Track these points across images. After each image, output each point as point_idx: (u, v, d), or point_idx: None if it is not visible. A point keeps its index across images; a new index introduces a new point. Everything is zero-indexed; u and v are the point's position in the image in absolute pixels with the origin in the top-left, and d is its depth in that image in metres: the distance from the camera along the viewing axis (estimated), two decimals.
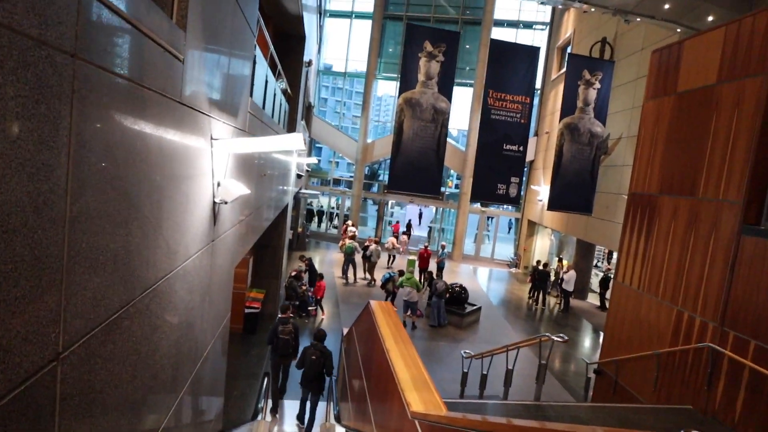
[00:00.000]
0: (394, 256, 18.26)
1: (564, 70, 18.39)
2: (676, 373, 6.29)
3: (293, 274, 11.85)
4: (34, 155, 0.94)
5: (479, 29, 21.24)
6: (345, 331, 8.12)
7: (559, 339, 5.82)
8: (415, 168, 9.46)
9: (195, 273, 2.50)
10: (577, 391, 9.13)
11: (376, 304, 4.84)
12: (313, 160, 12.09)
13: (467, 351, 7.48)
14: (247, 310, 9.78)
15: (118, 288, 1.43)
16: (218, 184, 2.74)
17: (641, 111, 8.10)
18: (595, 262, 17.97)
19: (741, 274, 5.49)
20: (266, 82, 5.60)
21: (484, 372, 6.91)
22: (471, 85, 21.60)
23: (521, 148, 10.11)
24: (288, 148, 2.54)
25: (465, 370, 7.30)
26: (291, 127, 10.24)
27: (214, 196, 2.73)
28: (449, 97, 9.58)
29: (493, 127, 9.74)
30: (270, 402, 6.10)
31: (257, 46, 4.59)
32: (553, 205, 10.21)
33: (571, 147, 10.33)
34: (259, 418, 5.95)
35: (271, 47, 6.02)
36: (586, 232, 14.69)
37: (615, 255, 18.97)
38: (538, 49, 10.09)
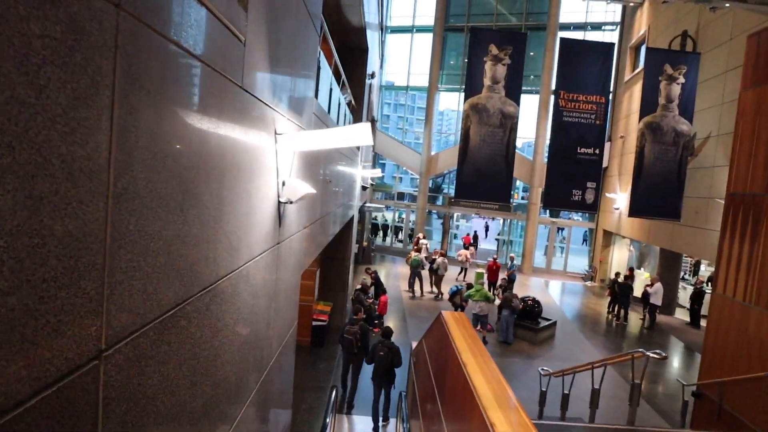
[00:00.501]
0: (465, 269, 17.71)
1: (638, 70, 17.17)
2: None
3: (359, 287, 11.79)
4: (66, 111, 0.81)
5: (543, 34, 20.49)
6: (413, 344, 7.83)
7: (656, 355, 5.17)
8: (482, 175, 9.07)
9: (260, 276, 2.38)
10: (671, 416, 8.16)
11: (448, 315, 4.54)
12: (377, 172, 12.06)
13: (545, 368, 6.91)
14: (314, 323, 9.78)
15: (174, 282, 1.30)
16: (283, 183, 2.62)
17: (738, 102, 7.27)
18: (681, 274, 16.34)
19: None
20: (330, 90, 5.58)
21: (566, 392, 6.32)
22: (537, 92, 20.78)
23: (597, 151, 9.39)
24: (356, 140, 2.38)
25: (543, 389, 6.73)
26: None
27: (279, 196, 2.62)
28: (517, 101, 9.13)
29: (565, 130, 9.14)
30: (333, 412, 5.94)
31: (322, 52, 4.56)
32: (634, 211, 9.33)
33: (654, 148, 9.44)
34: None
35: (336, 56, 6.02)
36: (672, 241, 13.37)
37: (702, 266, 17.18)
38: (612, 45, 9.35)
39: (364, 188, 11.98)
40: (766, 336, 5.97)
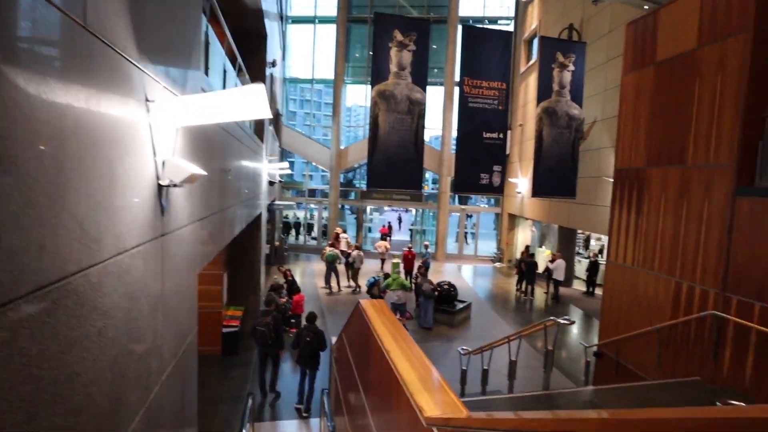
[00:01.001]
0: (384, 260, 17.78)
1: (532, 61, 18.38)
2: (679, 347, 6.07)
3: (271, 287, 11.22)
4: None
5: (445, 27, 21.11)
6: (333, 340, 7.56)
7: (565, 321, 5.44)
8: (394, 163, 9.02)
9: (138, 273, 1.97)
10: (577, 376, 8.81)
11: (366, 303, 4.35)
12: (285, 165, 11.54)
13: (465, 348, 7.04)
14: (224, 330, 9.10)
15: None
16: (163, 164, 2.21)
17: (620, 86, 7.94)
18: (576, 249, 17.88)
19: (739, 237, 5.33)
20: (225, 72, 5.08)
21: (485, 367, 6.48)
22: (441, 84, 21.40)
23: (501, 136, 9.81)
24: (250, 107, 2.04)
25: (464, 368, 6.86)
26: (260, 132, 9.69)
27: (158, 178, 2.20)
28: (424, 88, 9.20)
29: (471, 115, 9.41)
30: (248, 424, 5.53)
31: (210, 27, 4.08)
32: (537, 191, 9.93)
33: (551, 131, 10.09)
34: None
35: (230, 37, 5.50)
36: (568, 219, 14.53)
37: (592, 241, 19.00)
38: (510, 33, 9.84)
39: (271, 183, 11.40)
40: (652, 294, 6.60)
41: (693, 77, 6.26)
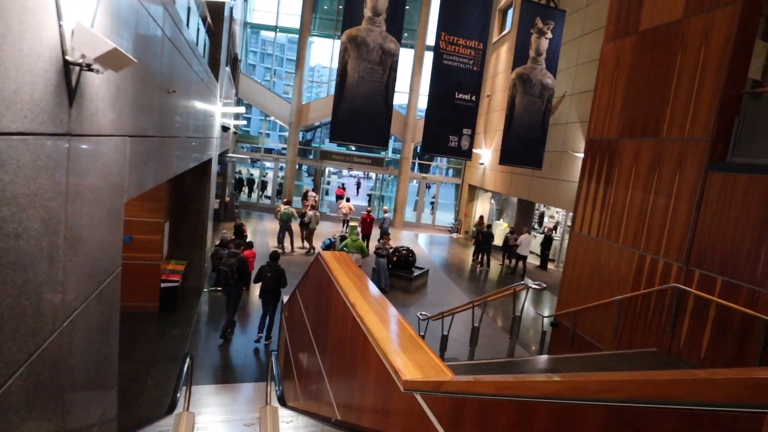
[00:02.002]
0: (347, 221, 17.27)
1: (506, 31, 17.96)
2: (637, 319, 6.09)
3: (218, 242, 10.50)
4: None
5: None
6: (285, 299, 7.09)
7: (537, 286, 5.23)
8: (361, 115, 8.41)
9: (23, 171, 1.38)
10: (529, 346, 8.88)
11: (328, 254, 3.88)
12: (241, 109, 10.64)
13: (423, 313, 6.78)
14: (163, 285, 8.39)
15: None
16: (72, 33, 1.59)
17: (600, 55, 7.68)
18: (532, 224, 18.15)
19: (707, 211, 5.27)
20: None
21: (445, 333, 6.25)
22: (412, 47, 20.61)
23: (473, 98, 9.39)
24: None
25: (421, 334, 6.61)
26: (214, 67, 8.75)
27: (64, 52, 1.58)
28: (399, 38, 8.56)
29: (445, 73, 8.90)
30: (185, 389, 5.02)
31: None
32: (504, 159, 9.69)
33: (524, 99, 9.79)
34: (179, 410, 4.85)
35: None
36: (530, 192, 14.56)
37: (546, 218, 19.36)
38: None
39: (225, 129, 10.50)
40: (614, 266, 6.56)
41: (676, 48, 6.06)
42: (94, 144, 2.11)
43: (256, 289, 8.99)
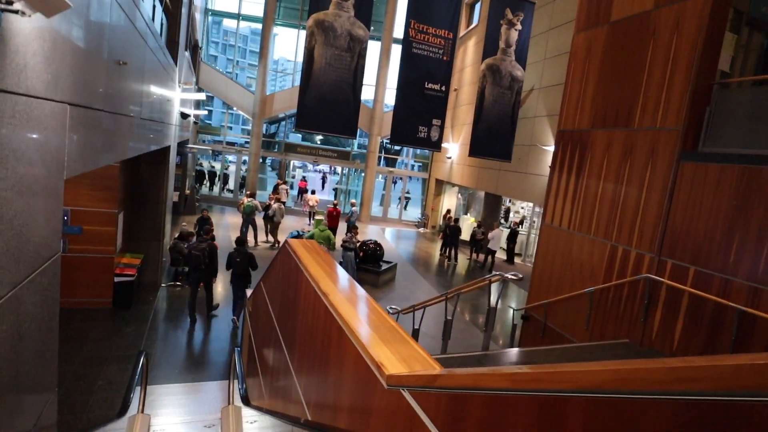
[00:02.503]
0: (313, 214, 16.86)
1: (473, 25, 17.95)
2: (609, 310, 6.08)
3: (177, 235, 9.95)
4: None
5: None
6: (248, 293, 6.71)
7: (513, 277, 5.10)
8: (328, 103, 8.09)
9: None
10: (498, 340, 8.83)
11: (296, 242, 3.57)
12: (201, 95, 10.07)
13: (393, 306, 6.56)
14: (117, 279, 7.81)
15: None
16: None
17: (571, 46, 7.65)
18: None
19: (680, 201, 5.28)
20: None
21: (416, 327, 6.05)
22: (378, 39, 20.32)
23: (443, 88, 9.23)
24: None
25: None
26: (172, 50, 8.19)
27: None
28: (367, 25, 8.27)
29: (414, 62, 8.69)
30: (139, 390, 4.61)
31: None
32: (474, 151, 9.59)
33: (493, 90, 9.72)
34: (133, 411, 4.43)
35: None
36: (497, 186, 14.60)
37: (511, 213, 19.60)
38: None
39: (184, 117, 9.92)
40: (586, 258, 6.53)
41: (647, 39, 6.06)
42: (24, 106, 1.75)
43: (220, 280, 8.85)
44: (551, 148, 11.76)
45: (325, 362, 2.35)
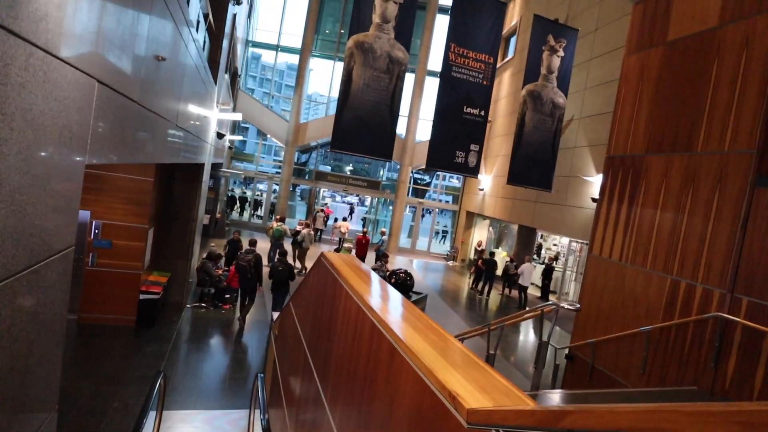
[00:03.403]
0: (342, 240, 16.65)
1: (508, 58, 17.88)
2: (671, 353, 5.41)
3: (206, 255, 9.78)
4: None
5: (423, 13, 20.21)
6: (274, 316, 6.35)
7: (570, 307, 4.58)
8: (364, 125, 7.91)
9: None
10: (542, 381, 8.09)
11: (335, 255, 3.23)
12: (238, 115, 10.09)
13: None
14: (142, 296, 7.60)
15: None
16: None
17: (621, 68, 7.31)
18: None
19: (756, 231, 4.69)
20: None
21: None
22: (413, 71, 20.47)
23: (483, 113, 8.96)
24: None
25: None
26: (213, 69, 8.25)
27: None
28: (407, 47, 8.16)
29: (453, 86, 8.49)
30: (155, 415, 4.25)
31: None
32: (513, 179, 9.20)
33: (534, 117, 9.39)
34: None
35: None
36: (533, 219, 14.04)
37: (544, 249, 18.80)
38: (505, 5, 9.02)
39: (220, 136, 9.93)
40: (641, 292, 5.93)
41: (710, 58, 5.64)
42: (40, 62, 1.50)
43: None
44: (593, 179, 11.27)
45: (369, 392, 1.94)
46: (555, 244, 18.18)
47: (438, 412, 1.35)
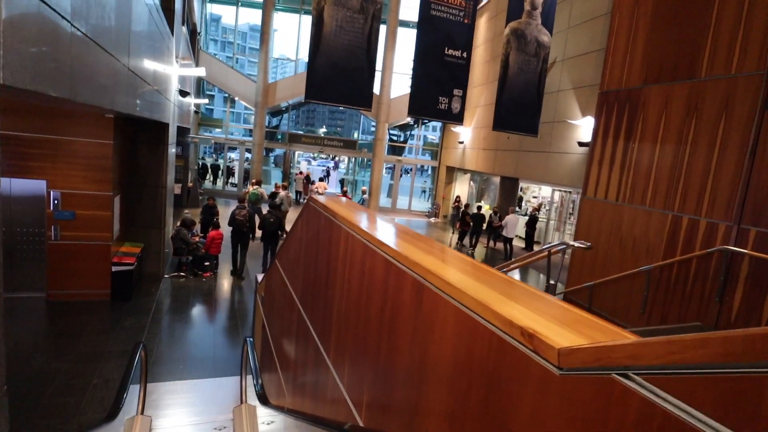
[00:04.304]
0: None
1: (484, 2, 17.09)
2: (672, 291, 5.27)
3: (179, 223, 9.21)
4: None
5: None
6: (259, 278, 5.95)
7: (582, 245, 4.31)
8: (340, 71, 7.30)
9: None
10: None
11: (324, 199, 2.81)
12: (201, 71, 9.27)
13: None
14: (115, 268, 7.07)
15: None
16: None
17: None
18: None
19: (766, 156, 4.47)
20: None
21: None
22: (384, 22, 19.46)
23: (465, 54, 8.43)
24: None
25: None
26: (169, 18, 7.41)
27: None
28: None
29: (433, 25, 7.90)
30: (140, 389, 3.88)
31: None
32: (498, 125, 8.79)
33: (518, 58, 8.91)
34: (132, 413, 3.70)
35: None
36: (516, 169, 13.78)
37: (524, 201, 18.71)
38: None
39: (183, 94, 9.15)
40: (640, 232, 5.74)
41: None
42: None
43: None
44: (579, 122, 10.97)
45: (389, 344, 1.58)
46: (535, 196, 18.10)
47: (505, 359, 0.99)
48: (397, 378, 1.53)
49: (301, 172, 21.44)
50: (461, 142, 17.80)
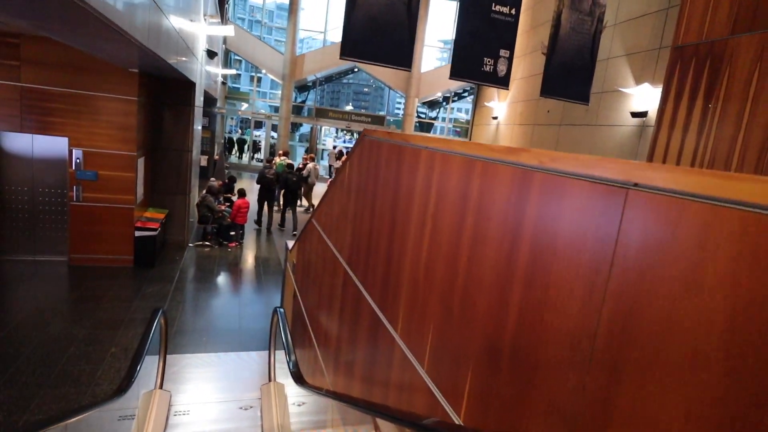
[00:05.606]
0: None
1: None
2: None
3: (206, 190, 8.83)
4: None
5: None
6: (289, 245, 5.47)
7: None
8: (379, 26, 6.67)
9: None
10: None
11: (383, 134, 2.25)
12: (229, 29, 8.78)
13: None
14: (138, 233, 6.71)
15: None
16: None
17: None
18: None
19: None
20: None
21: None
22: None
23: (514, 12, 7.67)
24: None
25: None
26: None
27: None
28: None
29: None
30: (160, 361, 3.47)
31: None
32: (546, 90, 8.05)
33: (571, 16, 8.09)
34: (150, 387, 3.29)
35: None
36: (557, 146, 12.93)
37: None
38: None
39: (211, 55, 8.66)
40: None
41: None
42: None
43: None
44: (632, 90, 10.09)
45: (527, 300, 1.02)
46: None
47: None
48: (545, 355, 0.98)
49: (335, 147, 20.96)
50: (495, 118, 16.94)
